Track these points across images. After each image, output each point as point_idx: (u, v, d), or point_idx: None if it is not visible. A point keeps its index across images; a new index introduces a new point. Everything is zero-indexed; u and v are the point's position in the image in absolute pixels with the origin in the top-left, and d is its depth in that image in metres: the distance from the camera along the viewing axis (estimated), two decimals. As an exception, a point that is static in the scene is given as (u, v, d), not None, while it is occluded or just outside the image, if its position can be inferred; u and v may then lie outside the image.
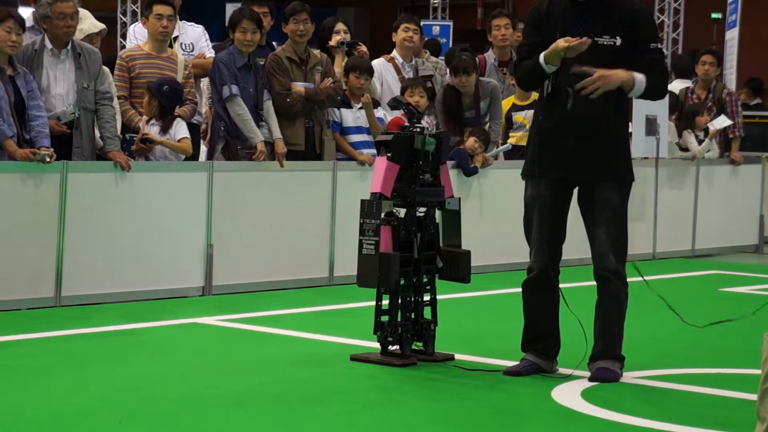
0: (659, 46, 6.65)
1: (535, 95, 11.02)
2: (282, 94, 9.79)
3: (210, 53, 10.19)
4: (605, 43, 6.46)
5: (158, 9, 9.37)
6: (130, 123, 9.23)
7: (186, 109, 9.48)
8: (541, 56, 6.43)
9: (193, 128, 9.78)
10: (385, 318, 6.89)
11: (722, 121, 12.92)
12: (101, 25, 9.83)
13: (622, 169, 6.59)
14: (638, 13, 6.56)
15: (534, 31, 6.63)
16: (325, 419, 5.59)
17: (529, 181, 6.66)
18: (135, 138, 9.14)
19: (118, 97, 9.29)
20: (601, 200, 6.52)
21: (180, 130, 9.16)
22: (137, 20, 16.90)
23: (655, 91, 6.62)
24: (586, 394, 6.17)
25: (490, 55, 11.85)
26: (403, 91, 10.23)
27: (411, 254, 6.88)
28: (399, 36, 11.13)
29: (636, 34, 6.47)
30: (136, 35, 10.20)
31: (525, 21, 6.89)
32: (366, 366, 6.75)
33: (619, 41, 6.46)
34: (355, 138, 10.26)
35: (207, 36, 10.44)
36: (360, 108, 10.28)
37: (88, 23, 9.58)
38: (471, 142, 10.78)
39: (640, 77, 6.44)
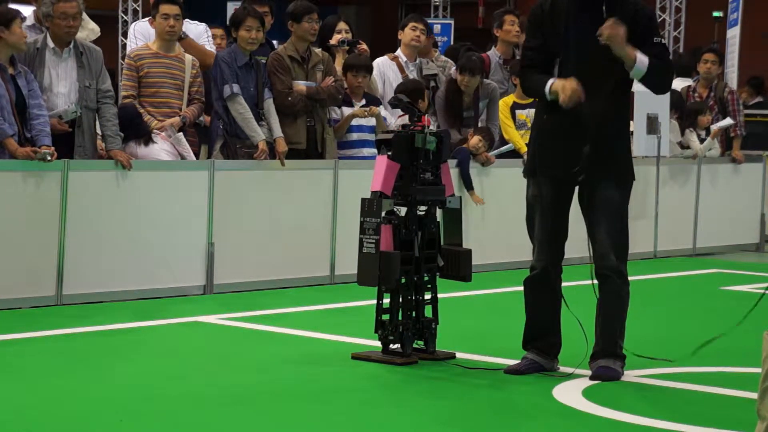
0: (662, 41, 6.64)
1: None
2: (283, 93, 9.79)
3: (211, 50, 10.21)
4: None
5: (165, 8, 9.38)
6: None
7: (194, 108, 9.50)
8: (547, 86, 6.42)
9: (195, 127, 9.80)
10: (386, 316, 6.89)
11: (726, 121, 12.93)
12: (98, 32, 9.91)
13: (622, 168, 6.58)
14: (639, 12, 6.55)
15: (536, 32, 6.63)
16: (326, 418, 5.59)
17: (530, 180, 6.66)
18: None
19: (125, 98, 9.29)
20: (601, 199, 6.51)
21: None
22: (138, 19, 16.91)
23: (658, 78, 6.54)
24: (588, 393, 6.17)
25: (494, 53, 11.84)
26: (420, 95, 10.15)
27: (412, 253, 6.88)
28: (406, 35, 11.12)
29: (637, 32, 6.46)
30: (136, 34, 10.22)
31: (528, 20, 6.87)
32: (367, 365, 6.76)
33: (621, 40, 6.45)
34: (357, 136, 10.27)
35: (209, 33, 10.46)
36: (362, 107, 10.29)
37: (87, 32, 9.60)
38: (476, 140, 10.79)
39: (643, 57, 6.40)
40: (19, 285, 8.29)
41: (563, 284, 6.70)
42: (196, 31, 10.38)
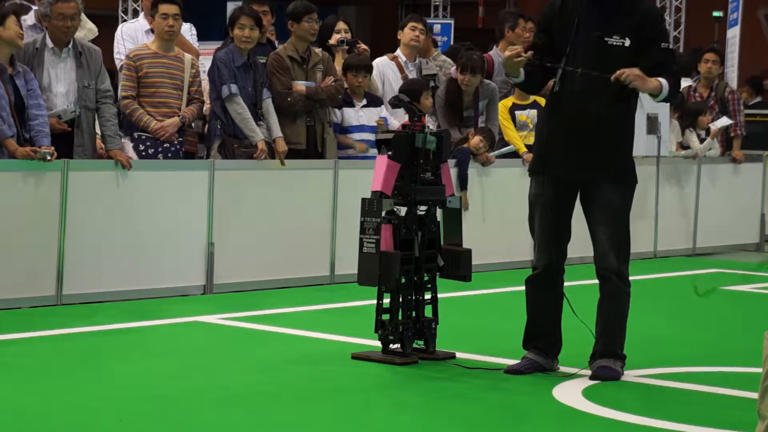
0: (670, 46, 6.62)
1: (534, 96, 11.04)
2: (283, 93, 9.79)
3: (193, 46, 10.25)
4: (614, 43, 6.43)
5: (164, 8, 9.37)
6: (139, 122, 9.22)
7: (193, 108, 9.49)
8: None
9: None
10: (386, 316, 6.89)
11: (724, 121, 12.94)
12: (96, 32, 9.90)
13: (623, 169, 6.56)
14: (648, 14, 6.52)
15: (540, 33, 6.63)
16: (326, 418, 5.58)
17: (533, 179, 6.65)
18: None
19: (125, 98, 9.27)
20: (603, 200, 6.50)
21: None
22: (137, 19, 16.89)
23: (674, 94, 6.60)
24: (587, 393, 6.17)
25: (496, 53, 11.82)
26: (417, 95, 10.15)
27: (412, 253, 6.88)
28: (405, 35, 11.12)
29: (645, 35, 6.44)
30: (124, 35, 10.21)
31: (538, 19, 6.87)
32: (367, 364, 6.75)
33: (628, 42, 6.42)
34: (358, 136, 10.27)
35: (194, 31, 10.47)
36: (363, 106, 10.30)
37: (84, 31, 9.59)
38: (476, 141, 10.78)
39: (665, 83, 6.42)
40: (19, 285, 8.28)
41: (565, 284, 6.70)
42: (182, 28, 10.40)
